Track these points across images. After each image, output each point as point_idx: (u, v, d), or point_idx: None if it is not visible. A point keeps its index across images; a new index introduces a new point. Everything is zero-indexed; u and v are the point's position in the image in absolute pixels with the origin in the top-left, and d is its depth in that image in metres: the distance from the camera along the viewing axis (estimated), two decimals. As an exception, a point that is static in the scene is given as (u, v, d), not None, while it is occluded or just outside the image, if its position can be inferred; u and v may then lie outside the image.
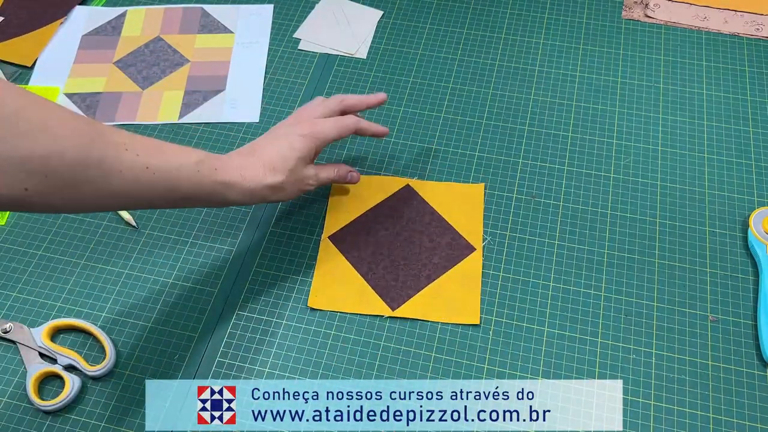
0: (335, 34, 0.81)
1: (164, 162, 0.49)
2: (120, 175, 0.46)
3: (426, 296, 0.60)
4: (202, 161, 0.51)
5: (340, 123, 0.61)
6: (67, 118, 0.44)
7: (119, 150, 0.46)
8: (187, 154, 0.51)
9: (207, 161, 0.52)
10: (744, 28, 0.79)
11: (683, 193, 0.66)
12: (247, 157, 0.56)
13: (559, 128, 0.72)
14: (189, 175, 0.50)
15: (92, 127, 0.46)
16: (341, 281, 0.62)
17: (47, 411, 0.55)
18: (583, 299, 0.60)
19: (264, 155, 0.56)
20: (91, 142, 0.44)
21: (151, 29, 0.83)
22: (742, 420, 0.54)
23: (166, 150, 0.50)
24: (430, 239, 0.64)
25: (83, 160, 0.44)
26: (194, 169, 0.51)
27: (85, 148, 0.44)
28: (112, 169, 0.45)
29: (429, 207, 0.66)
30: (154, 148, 0.49)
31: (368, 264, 0.63)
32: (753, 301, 0.60)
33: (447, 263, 0.62)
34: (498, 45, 0.79)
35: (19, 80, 0.79)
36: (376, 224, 0.65)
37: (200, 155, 0.52)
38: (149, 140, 0.49)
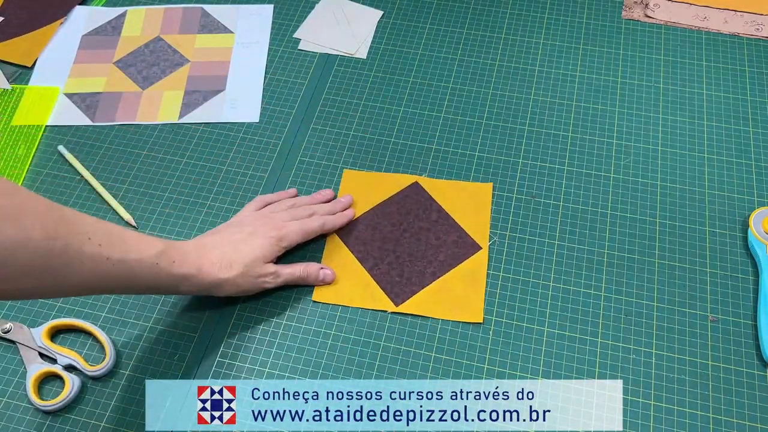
0: (335, 34, 0.81)
1: (124, 254, 0.49)
2: (80, 266, 0.46)
3: (430, 293, 0.60)
4: (161, 253, 0.52)
5: (306, 228, 0.61)
6: (35, 206, 0.44)
7: (82, 240, 0.46)
8: (148, 246, 0.51)
9: (167, 253, 0.52)
10: (744, 28, 0.79)
11: (683, 193, 0.66)
12: (207, 250, 0.56)
13: (559, 128, 0.72)
14: (147, 267, 0.50)
15: (58, 215, 0.45)
16: (346, 275, 0.62)
17: (47, 411, 0.55)
18: (583, 299, 0.60)
19: (224, 249, 0.56)
20: (56, 232, 0.44)
21: (151, 29, 0.83)
22: (742, 420, 0.54)
23: (128, 240, 0.50)
24: (437, 237, 0.64)
25: (46, 250, 0.43)
26: (153, 262, 0.51)
27: (50, 238, 0.43)
28: (73, 260, 0.45)
29: (436, 204, 0.66)
30: (116, 239, 0.49)
31: (374, 259, 0.63)
32: (753, 301, 0.60)
33: (452, 261, 0.62)
34: (498, 45, 0.79)
35: (19, 80, 0.79)
36: (383, 220, 0.65)
37: (161, 246, 0.52)
38: (113, 229, 0.50)
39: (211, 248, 0.56)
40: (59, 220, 0.45)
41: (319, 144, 0.72)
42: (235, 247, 0.57)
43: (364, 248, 0.64)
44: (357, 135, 0.72)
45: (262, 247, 0.58)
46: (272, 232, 0.59)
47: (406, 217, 0.65)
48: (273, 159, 0.71)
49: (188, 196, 0.69)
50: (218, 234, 0.59)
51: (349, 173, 0.69)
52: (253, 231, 0.59)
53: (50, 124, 0.75)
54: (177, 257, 0.53)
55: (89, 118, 0.75)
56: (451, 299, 0.60)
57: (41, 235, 0.43)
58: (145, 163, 0.71)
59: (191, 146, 0.73)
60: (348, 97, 0.75)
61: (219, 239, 0.58)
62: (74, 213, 0.48)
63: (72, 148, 0.73)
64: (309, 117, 0.74)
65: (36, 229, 0.43)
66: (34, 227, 0.42)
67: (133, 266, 0.49)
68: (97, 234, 0.47)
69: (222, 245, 0.57)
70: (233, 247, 0.57)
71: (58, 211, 0.46)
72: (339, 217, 0.64)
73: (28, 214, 0.43)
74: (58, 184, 0.70)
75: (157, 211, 0.68)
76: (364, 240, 0.64)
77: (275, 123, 0.74)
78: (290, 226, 0.60)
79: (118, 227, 0.51)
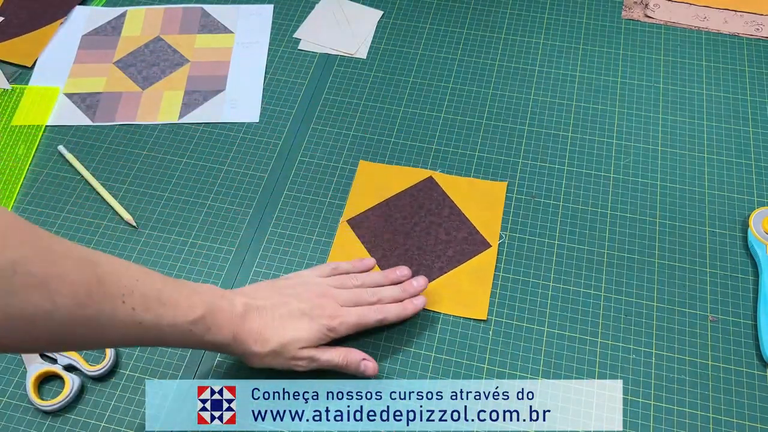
0: (335, 34, 0.81)
1: (158, 318, 0.46)
2: (110, 329, 0.44)
3: (437, 287, 0.61)
4: (198, 320, 0.48)
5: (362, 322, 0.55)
6: (68, 269, 0.40)
7: (115, 304, 0.43)
8: (186, 311, 0.48)
9: (204, 321, 0.48)
10: (744, 28, 0.79)
11: (683, 193, 0.66)
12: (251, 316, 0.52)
13: (559, 128, 0.72)
14: (180, 332, 0.48)
15: (92, 276, 0.42)
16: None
17: (47, 411, 0.55)
18: (583, 299, 0.60)
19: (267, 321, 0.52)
20: (88, 298, 0.41)
21: (151, 29, 0.83)
22: (742, 420, 0.54)
23: (165, 302, 0.46)
24: (447, 232, 0.64)
25: (75, 318, 0.40)
26: (186, 329, 0.48)
27: (80, 305, 0.40)
28: (103, 325, 0.43)
29: (449, 200, 0.66)
30: (153, 301, 0.45)
31: (383, 251, 0.63)
32: (753, 301, 0.60)
33: (461, 257, 0.63)
34: (498, 45, 0.79)
35: (19, 80, 0.79)
36: (395, 212, 0.66)
37: (200, 311, 0.48)
38: (151, 286, 0.46)
39: (254, 316, 0.52)
40: (93, 283, 0.42)
41: (319, 144, 0.72)
42: (281, 323, 0.52)
43: (374, 239, 0.64)
44: (357, 135, 0.72)
45: (309, 332, 0.53)
46: (325, 320, 0.53)
47: (418, 211, 0.66)
48: (273, 159, 0.71)
49: (188, 196, 0.69)
50: (271, 299, 0.54)
51: (364, 164, 0.69)
52: (307, 311, 0.53)
53: (50, 124, 0.75)
54: (214, 324, 0.49)
55: (89, 118, 0.75)
56: (457, 295, 0.60)
57: (71, 302, 0.40)
58: (145, 163, 0.71)
59: (191, 146, 0.73)
60: (348, 97, 0.75)
61: (270, 305, 0.53)
62: (110, 266, 0.44)
63: (72, 148, 0.73)
64: (309, 117, 0.74)
65: (66, 297, 0.39)
66: (64, 295, 0.39)
67: (166, 330, 0.47)
68: (133, 295, 0.44)
69: (267, 315, 0.52)
70: (279, 321, 0.52)
71: (92, 270, 0.42)
72: (404, 309, 0.57)
73: (59, 280, 0.39)
74: (58, 184, 0.70)
75: (157, 211, 0.68)
76: (375, 231, 0.64)
77: (275, 123, 0.74)
78: (347, 317, 0.54)
79: (157, 281, 0.47)
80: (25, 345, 0.41)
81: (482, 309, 0.60)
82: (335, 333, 0.54)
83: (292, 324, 0.53)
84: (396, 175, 0.68)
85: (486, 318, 0.59)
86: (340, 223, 0.65)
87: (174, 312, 0.47)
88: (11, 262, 0.37)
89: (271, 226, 0.66)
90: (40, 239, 0.40)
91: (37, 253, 0.39)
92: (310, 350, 0.53)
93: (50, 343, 0.43)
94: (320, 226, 0.66)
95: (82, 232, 0.66)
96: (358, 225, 0.65)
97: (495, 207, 0.66)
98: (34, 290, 0.38)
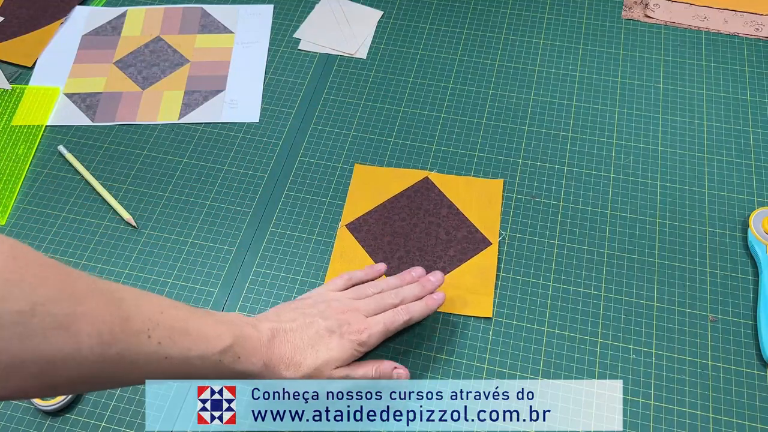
0: (335, 34, 0.81)
1: (186, 351, 0.44)
2: (136, 367, 0.41)
3: (441, 288, 0.60)
4: (227, 350, 0.46)
5: (390, 328, 0.54)
6: (93, 307, 0.38)
7: (140, 340, 0.41)
8: (214, 341, 0.46)
9: (233, 350, 0.47)
10: (744, 28, 0.79)
11: (683, 193, 0.66)
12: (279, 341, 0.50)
13: (559, 128, 0.72)
14: (209, 364, 0.45)
15: (117, 312, 0.40)
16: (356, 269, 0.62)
17: (47, 411, 0.55)
18: (583, 299, 0.60)
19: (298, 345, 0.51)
20: (112, 336, 0.39)
21: (151, 29, 0.83)
22: (742, 420, 0.54)
23: (192, 333, 0.44)
24: (447, 232, 0.64)
25: (98, 359, 0.38)
26: (216, 360, 0.46)
27: (105, 344, 0.38)
28: (129, 364, 0.40)
29: (447, 200, 0.66)
30: (179, 333, 0.43)
31: (384, 253, 0.63)
32: (753, 301, 0.60)
33: (462, 256, 0.63)
34: (498, 45, 0.79)
35: (19, 80, 0.79)
36: (393, 215, 0.66)
37: (228, 340, 0.46)
38: (177, 318, 0.44)
39: (284, 341, 0.50)
40: (117, 320, 0.39)
41: (319, 144, 0.72)
42: (311, 345, 0.51)
43: (374, 242, 0.64)
44: (357, 135, 0.72)
45: (341, 351, 0.52)
46: (354, 335, 0.52)
47: (416, 212, 0.66)
48: (273, 159, 0.71)
49: (188, 196, 0.69)
50: (297, 321, 0.52)
51: (360, 168, 0.69)
52: (335, 328, 0.52)
53: (50, 124, 0.75)
54: (243, 353, 0.47)
55: (89, 118, 0.75)
56: (460, 294, 0.61)
57: (96, 342, 0.38)
58: (145, 163, 0.71)
59: (191, 146, 0.73)
60: (348, 97, 0.75)
61: (297, 326, 0.52)
62: (135, 299, 0.42)
63: (72, 148, 0.73)
64: (309, 117, 0.74)
65: (91, 336, 0.37)
66: (88, 334, 0.37)
67: (195, 363, 0.44)
68: (158, 329, 0.42)
69: (296, 338, 0.51)
70: (309, 343, 0.51)
71: (117, 305, 0.40)
72: (427, 307, 0.56)
73: (83, 319, 0.37)
74: (58, 184, 0.70)
75: (157, 211, 0.68)
76: (375, 234, 0.64)
77: (275, 123, 0.74)
78: (374, 327, 0.53)
79: (182, 314, 0.45)
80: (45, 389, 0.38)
81: (487, 307, 0.60)
82: (366, 347, 0.53)
83: (322, 345, 0.51)
84: (392, 178, 0.68)
85: (491, 315, 0.59)
86: (339, 228, 0.65)
87: (202, 343, 0.45)
88: (31, 303, 0.35)
89: (271, 226, 0.66)
90: (60, 275, 0.38)
91: (59, 291, 0.37)
92: (343, 369, 0.52)
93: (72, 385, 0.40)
94: (320, 226, 0.66)
95: (82, 232, 0.66)
96: (357, 229, 0.65)
97: (493, 204, 0.66)
98: (55, 332, 0.36)
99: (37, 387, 0.37)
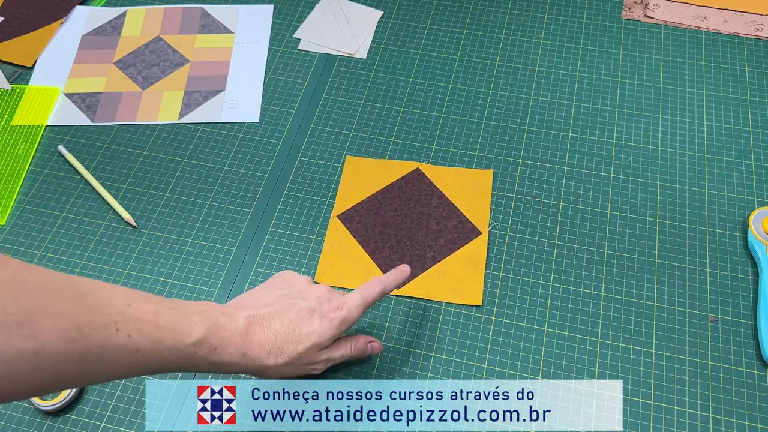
0: (335, 34, 0.81)
1: (157, 343, 0.42)
2: (104, 362, 0.40)
3: (430, 276, 0.61)
4: (201, 341, 0.45)
5: (367, 300, 0.52)
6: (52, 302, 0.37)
7: (108, 333, 0.40)
8: (187, 332, 0.44)
9: (207, 340, 0.45)
10: (744, 28, 0.79)
11: (683, 193, 0.66)
12: (257, 328, 0.48)
13: (559, 128, 0.72)
14: (183, 356, 0.44)
15: (81, 304, 0.39)
16: (348, 259, 0.63)
17: (47, 411, 0.55)
18: (583, 299, 0.60)
19: (278, 329, 0.49)
20: (77, 332, 0.38)
21: (151, 29, 0.83)
22: (742, 420, 0.54)
23: (163, 325, 0.43)
24: (437, 222, 0.65)
25: (64, 355, 0.37)
26: (190, 351, 0.44)
27: (69, 340, 0.37)
28: (95, 359, 0.39)
29: (437, 190, 0.67)
30: (149, 325, 0.42)
31: (375, 243, 0.64)
32: (753, 301, 0.60)
33: (452, 245, 0.63)
34: (498, 45, 0.79)
35: (19, 80, 0.79)
36: (384, 205, 0.66)
37: (201, 331, 0.45)
38: (147, 310, 0.43)
39: (261, 326, 0.48)
40: (81, 314, 0.38)
41: (319, 144, 0.72)
42: (292, 328, 0.49)
43: (365, 233, 0.64)
44: (357, 135, 0.72)
45: (321, 333, 0.50)
46: (335, 312, 0.51)
47: (407, 203, 0.66)
48: (273, 159, 0.71)
49: (188, 196, 0.69)
50: (275, 304, 0.50)
51: (351, 160, 0.70)
52: (316, 307, 0.50)
53: (50, 124, 0.75)
54: (219, 344, 0.46)
55: (89, 118, 0.75)
56: (451, 283, 0.61)
57: (59, 339, 0.36)
58: (145, 163, 0.71)
59: (191, 146, 0.73)
60: (348, 97, 0.75)
61: (273, 312, 0.50)
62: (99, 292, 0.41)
63: (72, 148, 0.73)
64: (309, 117, 0.74)
65: (53, 334, 0.36)
66: (50, 332, 0.36)
67: (167, 356, 0.43)
68: (127, 322, 0.41)
69: (275, 322, 0.49)
70: (290, 327, 0.49)
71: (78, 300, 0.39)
72: (396, 276, 0.55)
73: (42, 315, 0.36)
74: (58, 184, 0.70)
75: (157, 211, 0.68)
76: (366, 225, 0.65)
77: (275, 123, 0.74)
78: (352, 301, 0.52)
79: (152, 306, 0.43)
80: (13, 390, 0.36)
81: (476, 295, 0.60)
82: (348, 323, 0.51)
83: (304, 326, 0.50)
84: (383, 169, 0.69)
85: (481, 303, 0.59)
86: (331, 218, 0.66)
87: (174, 335, 0.43)
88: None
89: (271, 226, 0.66)
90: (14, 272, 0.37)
91: (12, 289, 0.35)
92: (325, 352, 0.52)
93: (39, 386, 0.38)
94: (320, 226, 0.66)
95: (82, 232, 0.66)
96: (349, 219, 0.65)
97: (483, 195, 0.66)
98: (16, 329, 0.34)
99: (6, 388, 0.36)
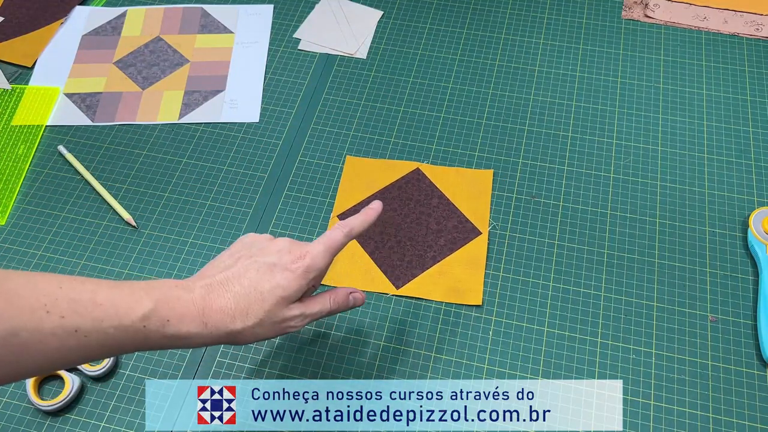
0: (335, 34, 0.81)
1: (98, 321, 0.40)
2: (41, 346, 0.38)
3: (430, 276, 0.61)
4: (149, 315, 0.42)
5: (331, 244, 0.49)
6: None
7: (38, 316, 0.38)
8: (131, 307, 0.42)
9: (157, 313, 0.42)
10: (744, 28, 0.79)
11: (683, 193, 0.66)
12: (215, 295, 0.45)
13: (559, 128, 0.72)
14: (132, 332, 0.41)
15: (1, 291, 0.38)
16: (348, 259, 0.63)
17: (47, 411, 0.55)
18: (583, 299, 0.60)
19: (237, 291, 0.45)
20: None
21: (151, 29, 0.83)
22: (742, 420, 0.54)
23: (102, 303, 0.41)
24: (437, 222, 0.65)
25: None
26: (138, 327, 0.41)
27: None
28: (28, 344, 0.38)
29: (437, 190, 0.67)
30: (85, 305, 0.40)
31: (375, 243, 0.64)
32: (753, 301, 0.60)
33: (452, 245, 0.63)
34: (498, 45, 0.79)
35: (19, 80, 0.79)
36: (384, 205, 0.66)
37: (149, 304, 0.42)
38: (82, 290, 0.41)
39: (220, 292, 0.45)
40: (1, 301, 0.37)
41: (319, 144, 0.72)
42: (254, 287, 0.45)
43: (365, 232, 0.64)
44: (357, 135, 0.72)
45: (285, 286, 0.46)
46: (297, 262, 0.47)
47: (407, 203, 0.66)
48: (273, 159, 0.71)
49: (188, 196, 0.69)
50: (230, 268, 0.47)
51: (351, 160, 0.70)
52: (277, 261, 0.47)
53: (50, 124, 0.75)
54: (172, 315, 0.43)
55: (89, 118, 0.75)
56: (451, 282, 0.61)
57: None
58: (145, 163, 0.71)
59: (191, 146, 0.73)
60: (348, 97, 0.76)
61: (231, 275, 0.46)
62: (26, 280, 0.40)
63: (72, 148, 0.73)
64: (309, 117, 0.74)
65: None
66: None
67: (113, 334, 0.41)
68: (58, 303, 0.39)
69: (236, 283, 0.46)
70: (250, 287, 0.45)
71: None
72: (365, 214, 0.52)
73: None
74: (58, 184, 0.70)
75: (157, 211, 0.68)
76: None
77: (275, 123, 0.74)
78: (314, 248, 0.48)
79: (89, 286, 0.41)
80: None
81: (476, 295, 0.60)
82: (313, 271, 0.47)
83: (266, 282, 0.46)
84: (383, 169, 0.69)
85: (481, 303, 0.59)
86: (331, 218, 0.66)
87: (115, 311, 0.41)
88: None
89: (271, 226, 0.66)
90: None
91: None
92: (297, 307, 0.47)
93: None
94: (320, 226, 0.66)
95: (82, 232, 0.66)
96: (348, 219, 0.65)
97: (483, 195, 0.66)
98: None
99: None
